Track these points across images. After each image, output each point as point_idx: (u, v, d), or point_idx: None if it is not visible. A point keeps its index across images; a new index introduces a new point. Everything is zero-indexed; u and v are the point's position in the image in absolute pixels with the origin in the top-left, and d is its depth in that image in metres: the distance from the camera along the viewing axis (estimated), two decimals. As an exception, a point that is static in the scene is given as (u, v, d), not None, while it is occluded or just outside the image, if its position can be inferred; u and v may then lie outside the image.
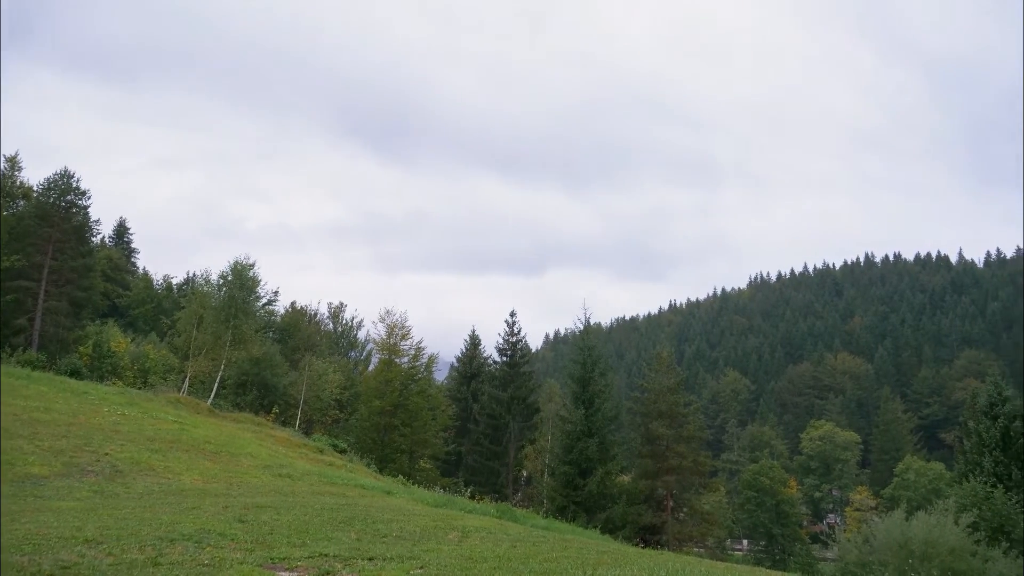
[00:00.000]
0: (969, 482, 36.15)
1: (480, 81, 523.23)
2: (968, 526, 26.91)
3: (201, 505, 15.18)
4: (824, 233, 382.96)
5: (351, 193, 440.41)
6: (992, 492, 33.88)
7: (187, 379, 46.35)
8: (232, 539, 11.15)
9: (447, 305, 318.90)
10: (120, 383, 42.11)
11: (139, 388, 41.10)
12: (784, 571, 28.76)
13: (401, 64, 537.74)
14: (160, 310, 74.69)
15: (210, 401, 42.75)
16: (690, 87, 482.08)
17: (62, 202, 55.47)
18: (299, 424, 49.52)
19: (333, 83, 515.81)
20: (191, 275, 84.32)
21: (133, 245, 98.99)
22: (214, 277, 49.00)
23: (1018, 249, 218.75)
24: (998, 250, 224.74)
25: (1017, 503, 33.62)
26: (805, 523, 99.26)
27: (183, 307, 52.10)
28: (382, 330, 54.60)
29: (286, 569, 9.48)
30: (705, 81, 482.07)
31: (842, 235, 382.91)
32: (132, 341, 56.68)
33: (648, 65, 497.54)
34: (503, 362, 60.08)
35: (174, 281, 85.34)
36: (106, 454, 21.26)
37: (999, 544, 28.11)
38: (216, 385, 46.08)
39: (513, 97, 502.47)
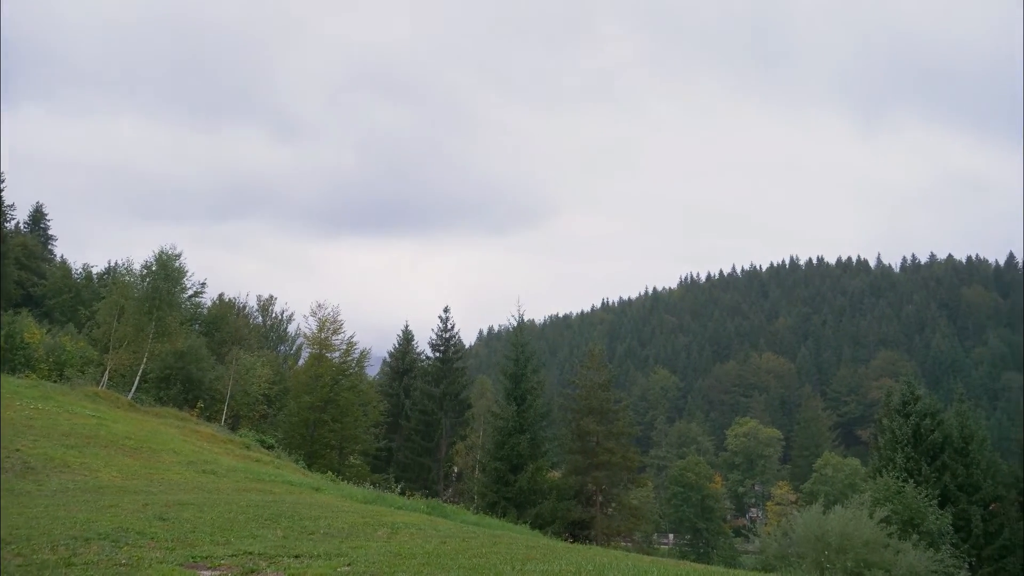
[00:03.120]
0: (883, 477, 37.73)
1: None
2: (882, 520, 28.07)
3: (119, 503, 14.66)
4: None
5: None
6: (904, 487, 35.45)
7: (107, 372, 44.63)
8: (152, 538, 10.81)
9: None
10: (34, 376, 40.24)
11: (55, 381, 39.36)
12: (708, 564, 29.50)
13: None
14: (79, 300, 71.65)
15: (131, 395, 41.29)
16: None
17: (-27, 185, 52.75)
18: (225, 419, 48.21)
19: None
20: (112, 264, 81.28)
21: (51, 232, 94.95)
22: (137, 267, 47.38)
23: (931, 255, 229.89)
24: (913, 256, 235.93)
25: (926, 497, 35.28)
26: (729, 517, 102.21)
27: (103, 297, 50.14)
28: (313, 324, 53.71)
29: (208, 568, 9.24)
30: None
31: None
32: (48, 332, 54.19)
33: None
34: (436, 358, 59.87)
35: (94, 271, 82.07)
36: (17, 450, 20.30)
37: (910, 536, 29.41)
38: (137, 379, 44.50)
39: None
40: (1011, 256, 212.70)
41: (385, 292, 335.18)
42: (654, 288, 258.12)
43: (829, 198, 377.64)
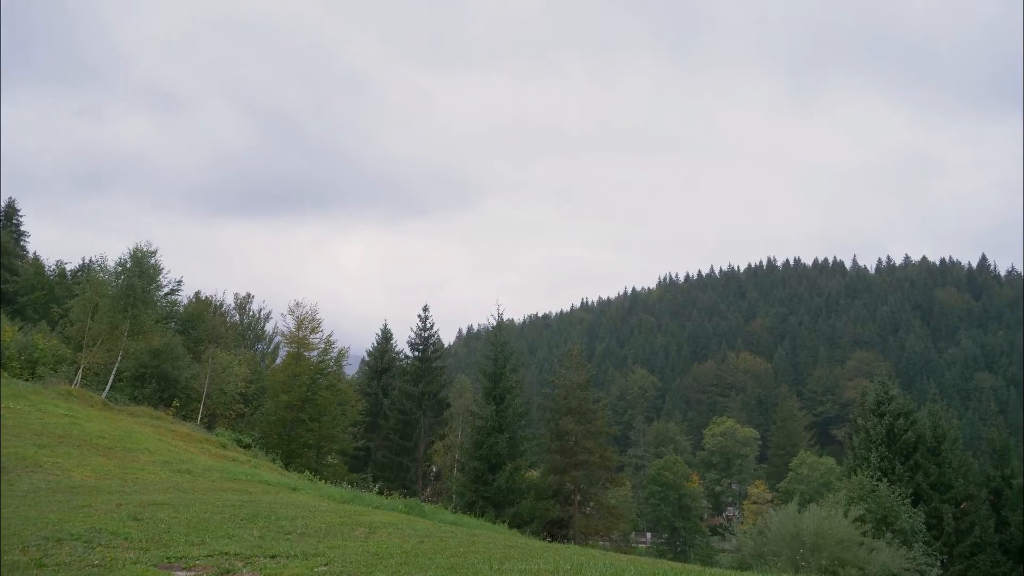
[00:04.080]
0: (857, 476, 38.14)
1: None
2: (856, 518, 28.38)
3: (92, 503, 14.46)
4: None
5: None
6: (877, 486, 35.86)
7: (80, 371, 44.03)
8: (125, 538, 10.67)
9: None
10: (5, 374, 39.65)
11: (26, 380, 38.80)
12: (685, 563, 29.65)
13: None
14: (52, 298, 70.70)
15: (105, 394, 40.77)
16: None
17: (-57, 180, 51.81)
18: (201, 418, 47.79)
19: None
20: (86, 261, 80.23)
21: (23, 228, 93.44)
22: (111, 263, 46.79)
23: (906, 257, 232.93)
24: (888, 258, 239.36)
25: (899, 496, 35.72)
26: (706, 516, 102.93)
27: (77, 295, 49.46)
28: (291, 322, 53.39)
29: (183, 568, 9.14)
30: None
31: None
32: (20, 330, 53.42)
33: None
34: (415, 357, 59.68)
35: (68, 267, 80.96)
36: (-12, 449, 19.99)
37: (883, 534, 29.78)
38: (112, 377, 43.94)
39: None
40: (983, 258, 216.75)
41: (281, 277, 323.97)
42: (633, 288, 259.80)
43: (771, 182, 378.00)
